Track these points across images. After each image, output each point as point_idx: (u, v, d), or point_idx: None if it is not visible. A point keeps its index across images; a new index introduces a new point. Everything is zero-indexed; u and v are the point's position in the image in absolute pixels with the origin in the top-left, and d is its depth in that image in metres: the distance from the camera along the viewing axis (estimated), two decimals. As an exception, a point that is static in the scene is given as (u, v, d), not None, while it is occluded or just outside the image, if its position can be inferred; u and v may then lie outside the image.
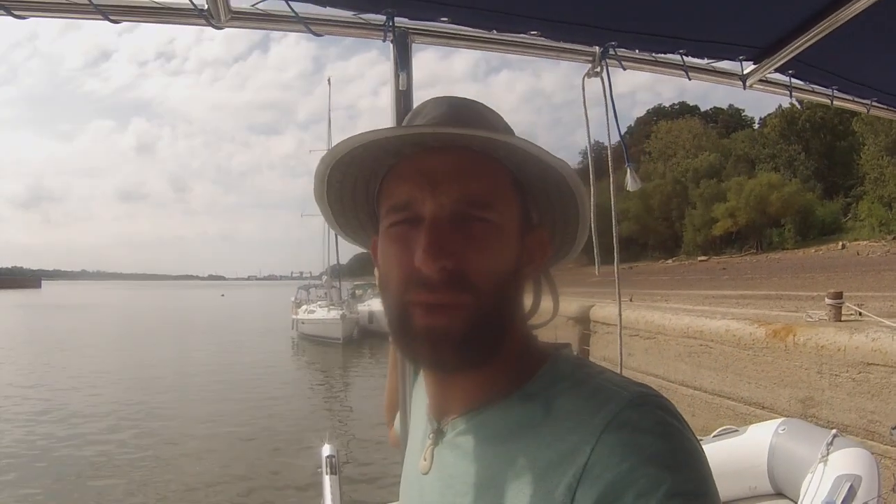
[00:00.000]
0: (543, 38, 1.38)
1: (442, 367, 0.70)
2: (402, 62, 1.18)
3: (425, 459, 0.77)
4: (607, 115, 1.46)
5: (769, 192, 41.78)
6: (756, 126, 58.51)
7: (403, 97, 1.17)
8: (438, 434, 0.76)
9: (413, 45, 1.25)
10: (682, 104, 68.64)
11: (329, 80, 47.06)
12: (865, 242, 34.40)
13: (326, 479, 2.17)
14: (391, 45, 1.23)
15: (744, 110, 65.16)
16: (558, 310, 0.78)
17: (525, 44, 1.38)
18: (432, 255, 0.63)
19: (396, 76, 1.17)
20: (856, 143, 40.74)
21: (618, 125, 1.47)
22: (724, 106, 67.18)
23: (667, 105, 71.84)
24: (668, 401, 0.64)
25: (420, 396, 0.90)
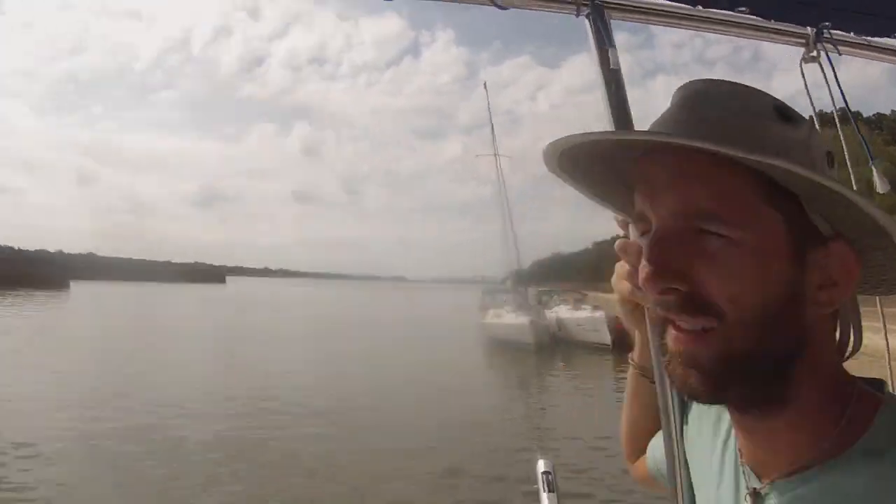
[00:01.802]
0: (752, 17, 1.19)
1: (692, 396, 0.60)
2: (607, 38, 1.02)
3: None
4: (834, 107, 1.25)
5: None
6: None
7: (615, 77, 1.00)
8: (758, 497, 0.64)
9: (611, 21, 1.09)
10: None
11: (485, 85, 46.72)
12: None
13: (544, 497, 2.05)
14: (586, 21, 1.06)
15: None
16: (861, 342, 0.64)
17: (731, 22, 1.20)
18: (652, 279, 0.57)
19: (603, 53, 1.00)
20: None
21: (854, 120, 1.24)
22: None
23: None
24: None
25: (699, 433, 0.81)
